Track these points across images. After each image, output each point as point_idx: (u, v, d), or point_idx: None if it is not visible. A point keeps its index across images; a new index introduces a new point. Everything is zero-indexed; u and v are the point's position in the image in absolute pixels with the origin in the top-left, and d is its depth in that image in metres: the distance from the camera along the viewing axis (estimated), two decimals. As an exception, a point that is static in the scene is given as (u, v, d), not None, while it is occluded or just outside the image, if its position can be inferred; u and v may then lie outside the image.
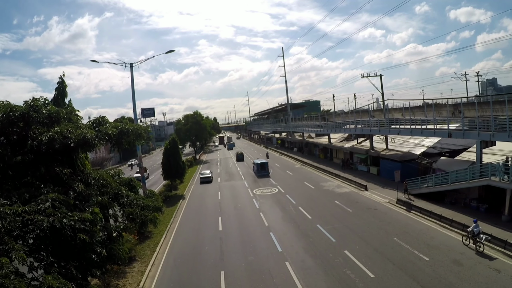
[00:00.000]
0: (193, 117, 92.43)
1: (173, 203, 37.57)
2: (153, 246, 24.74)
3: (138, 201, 18.95)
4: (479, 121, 26.06)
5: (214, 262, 21.13)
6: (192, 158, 78.34)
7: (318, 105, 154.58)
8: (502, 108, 27.49)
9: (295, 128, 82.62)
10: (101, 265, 13.99)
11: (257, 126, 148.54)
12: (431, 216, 25.30)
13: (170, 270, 20.84)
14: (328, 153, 63.56)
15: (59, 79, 20.76)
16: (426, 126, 32.42)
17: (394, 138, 43.67)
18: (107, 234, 15.69)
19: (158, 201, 22.95)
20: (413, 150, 38.80)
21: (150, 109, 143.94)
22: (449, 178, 27.16)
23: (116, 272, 19.76)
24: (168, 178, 46.54)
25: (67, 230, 11.30)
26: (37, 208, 11.35)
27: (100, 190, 16.15)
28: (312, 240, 23.44)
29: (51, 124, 14.83)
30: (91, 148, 16.08)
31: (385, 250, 20.48)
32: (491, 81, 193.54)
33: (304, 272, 18.60)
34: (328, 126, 60.37)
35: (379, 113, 53.94)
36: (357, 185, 38.58)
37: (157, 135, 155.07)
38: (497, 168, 22.86)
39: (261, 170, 52.69)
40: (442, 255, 19.10)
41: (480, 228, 19.63)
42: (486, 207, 24.98)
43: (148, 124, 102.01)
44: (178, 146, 48.01)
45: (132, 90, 35.65)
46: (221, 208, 34.48)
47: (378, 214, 27.84)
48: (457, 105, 35.84)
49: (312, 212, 29.76)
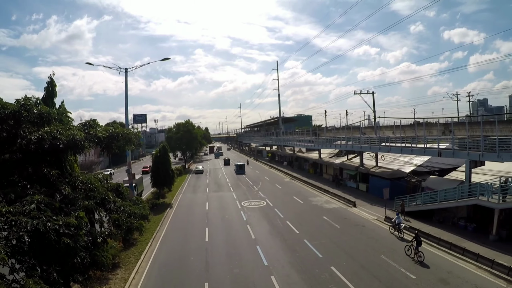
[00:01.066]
0: (185, 125, 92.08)
1: (160, 211, 37.11)
2: (137, 253, 24.29)
3: (125, 207, 18.72)
4: (469, 141, 26.40)
5: (199, 273, 20.79)
6: (181, 167, 77.83)
7: (310, 120, 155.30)
8: (492, 129, 27.85)
9: (286, 142, 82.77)
10: (83, 270, 13.70)
11: (248, 138, 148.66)
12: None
13: (154, 278, 20.44)
14: (317, 168, 63.71)
15: (48, 78, 20.59)
16: (417, 145, 32.70)
17: (384, 155, 43.98)
18: (91, 240, 15.38)
19: (145, 209, 22.68)
20: (403, 168, 39.09)
21: (142, 115, 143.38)
22: (437, 196, 27.35)
23: (99, 278, 19.32)
24: (156, 186, 46.02)
25: (51, 233, 11.05)
26: (22, 209, 11.10)
27: (87, 194, 15.92)
28: (298, 254, 23.26)
29: (42, 124, 14.66)
30: (80, 150, 15.88)
31: (371, 267, 20.38)
32: (482, 101, 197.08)
33: (289, 287, 18.38)
34: (319, 141, 60.62)
35: (370, 130, 54.27)
36: (345, 201, 38.58)
37: (148, 141, 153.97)
38: (485, 188, 23.06)
39: (239, 169, 71.78)
40: (429, 273, 19.07)
41: (401, 219, 26.17)
42: (474, 226, 25.13)
43: (139, 130, 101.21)
44: (168, 154, 47.65)
45: (125, 95, 35.46)
46: (208, 219, 34.13)
47: (366, 231, 27.81)
48: (447, 125, 36.23)
49: (299, 226, 29.62)
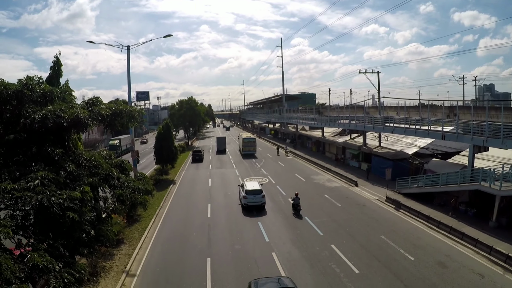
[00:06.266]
0: (188, 102, 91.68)
1: (164, 188, 37.49)
2: (141, 229, 24.72)
3: (129, 183, 18.86)
4: (473, 125, 26.13)
5: (201, 249, 21.21)
6: (184, 144, 78.04)
7: (314, 98, 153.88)
8: (498, 115, 27.55)
9: (289, 120, 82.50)
10: (89, 244, 13.95)
11: (251, 115, 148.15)
12: (419, 217, 25.52)
13: (157, 254, 20.88)
14: (320, 146, 63.69)
15: (54, 58, 20.49)
16: (420, 127, 32.52)
17: (387, 136, 43.86)
18: (96, 215, 15.62)
19: (149, 184, 22.88)
20: (406, 150, 39.04)
21: (145, 92, 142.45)
22: (439, 180, 27.36)
23: (104, 253, 19.75)
24: (160, 163, 46.40)
25: (56, 208, 11.21)
26: (26, 185, 11.24)
27: (91, 171, 16.04)
28: (299, 232, 23.59)
29: (45, 103, 14.64)
30: (84, 128, 15.94)
31: (371, 247, 20.68)
32: (488, 86, 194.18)
33: (290, 264, 18.75)
34: (323, 119, 60.38)
35: (374, 110, 53.96)
36: (347, 180, 38.76)
37: (151, 119, 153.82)
38: (488, 174, 23.04)
39: None
40: (428, 255, 19.32)
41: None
42: (475, 212, 25.16)
43: (142, 108, 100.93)
44: (171, 131, 47.77)
45: (127, 72, 35.32)
46: (211, 195, 34.50)
47: (367, 211, 28.06)
48: (452, 108, 35.85)
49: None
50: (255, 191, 28.53)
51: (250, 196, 28.32)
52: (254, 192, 28.45)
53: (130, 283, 17.42)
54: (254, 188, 28.88)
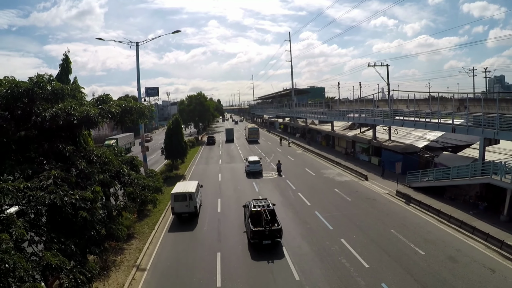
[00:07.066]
0: (197, 98, 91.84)
1: (174, 183, 37.39)
2: (151, 224, 24.99)
3: (139, 180, 19.08)
4: (484, 118, 25.77)
5: (212, 243, 21.38)
6: (194, 139, 78.38)
7: (323, 92, 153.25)
8: (508, 107, 27.16)
9: (298, 114, 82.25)
10: (100, 243, 14.15)
11: (261, 110, 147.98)
12: (430, 211, 25.36)
13: (168, 248, 21.12)
14: (330, 140, 63.45)
15: (63, 55, 20.75)
16: (430, 120, 32.16)
17: (397, 129, 43.50)
18: (107, 213, 15.84)
19: (159, 181, 23.08)
20: (416, 143, 38.68)
21: (154, 88, 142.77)
22: (450, 173, 27.10)
23: (114, 248, 20.03)
24: (170, 158, 46.68)
25: (68, 208, 11.41)
26: (39, 184, 11.45)
27: (102, 167, 16.24)
28: (309, 226, 23.63)
29: (55, 100, 14.84)
30: (94, 126, 16.16)
31: (381, 241, 20.64)
32: (499, 78, 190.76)
33: (300, 258, 18.84)
34: (332, 113, 60.09)
35: (384, 103, 53.48)
36: (357, 174, 38.62)
37: (160, 114, 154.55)
38: (499, 167, 22.77)
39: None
40: (438, 250, 19.20)
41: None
42: (486, 205, 24.88)
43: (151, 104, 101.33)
44: (180, 126, 48.04)
45: (137, 68, 35.58)
46: (220, 190, 34.69)
47: (377, 205, 27.95)
48: (462, 100, 35.36)
49: (311, 198, 29.91)
50: (255, 162, 42.23)
51: (251, 165, 41.79)
52: (254, 163, 42.10)
53: (140, 277, 17.67)
54: (254, 160, 42.66)
